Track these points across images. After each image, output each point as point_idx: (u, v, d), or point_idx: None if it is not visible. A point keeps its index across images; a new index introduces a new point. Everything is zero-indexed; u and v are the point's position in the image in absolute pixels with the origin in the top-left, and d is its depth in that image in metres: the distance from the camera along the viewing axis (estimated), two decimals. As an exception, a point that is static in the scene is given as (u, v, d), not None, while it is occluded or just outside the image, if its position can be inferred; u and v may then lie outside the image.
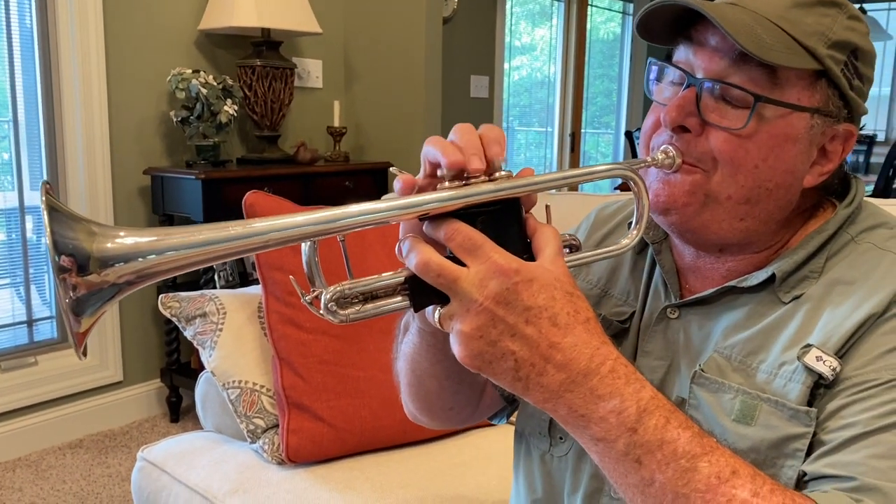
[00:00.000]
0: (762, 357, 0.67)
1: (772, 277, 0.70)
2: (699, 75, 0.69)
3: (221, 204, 2.52)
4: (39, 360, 2.52)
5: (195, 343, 1.50)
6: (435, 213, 0.60)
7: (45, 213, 0.54)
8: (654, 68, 0.75)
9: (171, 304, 1.54)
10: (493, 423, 0.97)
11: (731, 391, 0.67)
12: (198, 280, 2.61)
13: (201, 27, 2.75)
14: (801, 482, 0.62)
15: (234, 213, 1.54)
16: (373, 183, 3.08)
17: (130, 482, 1.49)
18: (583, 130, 5.21)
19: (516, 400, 0.92)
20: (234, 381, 1.44)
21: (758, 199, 0.68)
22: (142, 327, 2.76)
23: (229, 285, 2.70)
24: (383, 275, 0.62)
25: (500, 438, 1.48)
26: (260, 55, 2.80)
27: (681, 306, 0.75)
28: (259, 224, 0.58)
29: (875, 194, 4.23)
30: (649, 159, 0.69)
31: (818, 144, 0.69)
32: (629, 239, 0.68)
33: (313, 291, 0.61)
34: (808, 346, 0.64)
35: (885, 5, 5.87)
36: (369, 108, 3.33)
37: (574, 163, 5.08)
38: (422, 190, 0.62)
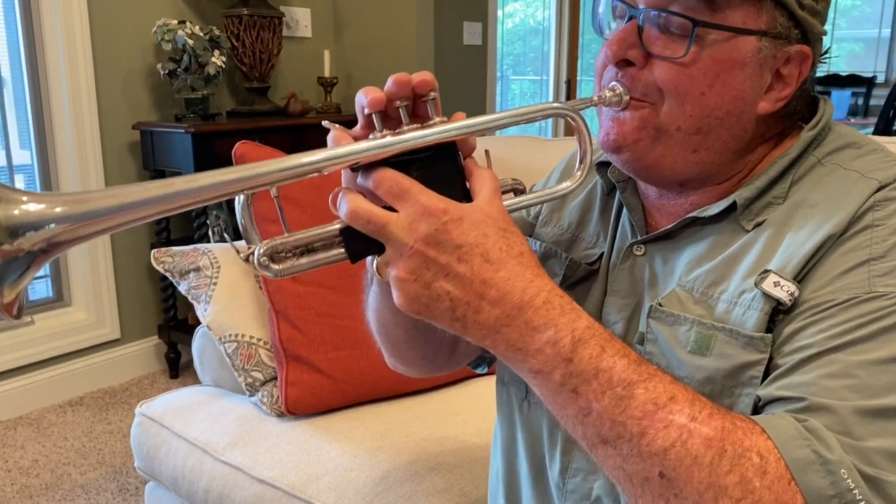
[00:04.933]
0: (723, 287, 0.65)
1: (733, 206, 0.68)
2: (641, 6, 0.66)
3: (212, 158, 2.48)
4: (36, 319, 2.51)
5: (190, 298, 1.49)
6: (366, 161, 0.59)
7: None
8: (601, 4, 0.73)
9: (164, 259, 1.52)
10: (475, 371, 0.97)
11: (686, 323, 0.66)
12: (192, 235, 2.59)
13: (185, -24, 2.67)
14: (757, 408, 0.61)
15: (226, 166, 1.51)
16: (366, 134, 3.03)
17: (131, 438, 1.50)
18: (578, 78, 5.12)
19: None
20: (230, 335, 1.43)
21: (709, 129, 0.67)
22: (137, 284, 2.75)
23: (223, 240, 2.68)
24: (318, 227, 0.61)
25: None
26: (246, 4, 2.72)
27: (646, 242, 0.74)
28: (181, 183, 0.56)
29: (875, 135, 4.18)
30: (595, 98, 0.68)
31: (771, 69, 0.67)
32: (572, 181, 0.68)
33: (249, 248, 0.60)
34: (767, 271, 0.62)
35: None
36: (360, 57, 3.26)
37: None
38: (357, 141, 0.61)
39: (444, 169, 0.61)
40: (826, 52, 0.72)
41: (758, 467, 0.51)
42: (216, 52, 2.57)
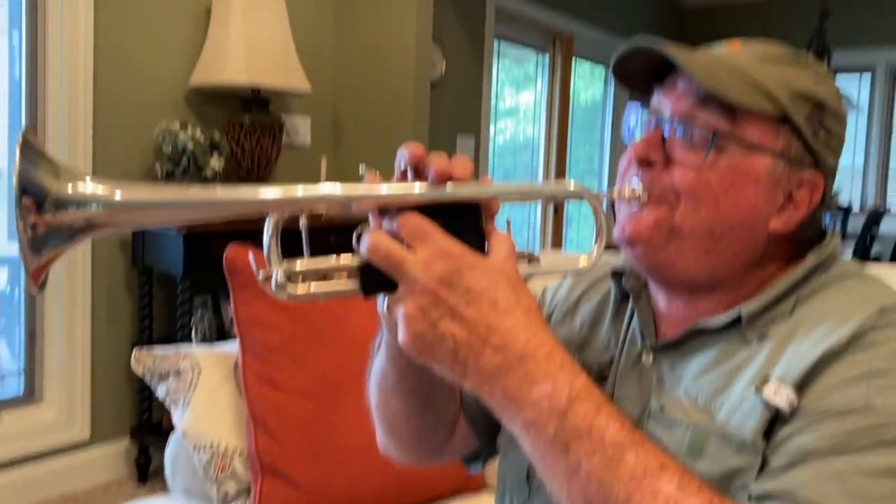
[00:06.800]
0: (725, 396, 0.67)
1: (739, 318, 0.70)
2: (666, 116, 0.72)
3: (204, 259, 2.45)
4: (3, 417, 2.42)
5: (166, 404, 1.45)
6: (394, 205, 0.63)
7: (17, 150, 0.56)
8: (632, 115, 0.78)
9: (145, 361, 1.49)
10: (469, 470, 0.95)
11: (682, 426, 0.68)
12: (174, 334, 2.55)
13: (192, 83, 2.74)
14: None
15: (218, 268, 1.50)
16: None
17: (91, 549, 1.41)
18: (566, 194, 5.24)
19: (492, 441, 0.89)
20: (205, 444, 1.39)
21: (721, 234, 0.70)
22: (113, 382, 2.67)
23: (206, 340, 2.64)
24: (339, 257, 0.64)
25: (487, 502, 1.43)
26: (249, 111, 2.81)
27: (654, 350, 0.76)
28: (220, 193, 0.59)
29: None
30: (615, 192, 0.72)
31: (784, 189, 0.71)
32: (588, 258, 0.71)
33: (269, 269, 0.62)
34: (767, 379, 0.64)
35: (856, 75, 6.00)
36: (357, 165, 3.33)
37: (558, 224, 5.10)
38: None
39: (465, 227, 0.64)
40: (836, 195, 0.76)
41: None
42: (215, 154, 2.62)
